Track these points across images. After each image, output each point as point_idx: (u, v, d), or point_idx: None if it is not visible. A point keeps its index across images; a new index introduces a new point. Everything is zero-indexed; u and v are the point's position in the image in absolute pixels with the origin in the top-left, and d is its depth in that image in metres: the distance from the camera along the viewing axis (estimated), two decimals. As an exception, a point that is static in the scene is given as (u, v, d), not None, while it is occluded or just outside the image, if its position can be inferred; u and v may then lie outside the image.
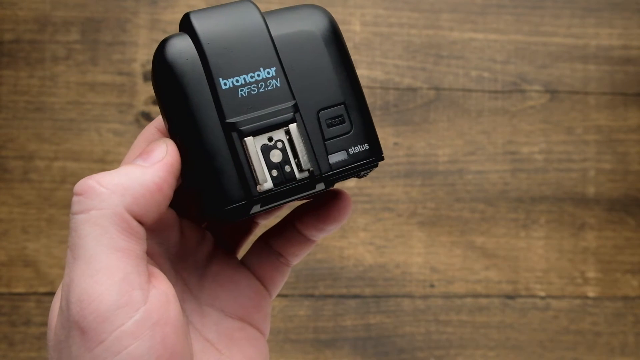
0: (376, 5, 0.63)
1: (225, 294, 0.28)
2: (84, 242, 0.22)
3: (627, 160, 0.64)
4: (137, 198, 0.23)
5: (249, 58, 0.25)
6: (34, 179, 0.60)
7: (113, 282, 0.21)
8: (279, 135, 0.25)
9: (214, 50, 0.24)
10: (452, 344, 0.61)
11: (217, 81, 0.24)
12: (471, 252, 0.62)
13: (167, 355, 0.22)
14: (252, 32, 0.25)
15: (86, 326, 0.21)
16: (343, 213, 0.28)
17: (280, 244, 0.29)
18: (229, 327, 0.27)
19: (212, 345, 0.27)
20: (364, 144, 0.26)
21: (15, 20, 0.60)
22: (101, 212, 0.22)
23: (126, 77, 0.61)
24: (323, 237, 0.30)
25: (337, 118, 0.26)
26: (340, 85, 0.26)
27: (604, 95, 0.64)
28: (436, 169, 0.62)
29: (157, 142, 0.24)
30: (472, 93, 0.63)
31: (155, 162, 0.24)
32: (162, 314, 0.22)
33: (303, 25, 0.26)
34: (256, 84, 0.24)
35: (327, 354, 0.60)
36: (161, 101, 0.25)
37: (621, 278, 0.63)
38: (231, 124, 0.24)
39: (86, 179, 0.23)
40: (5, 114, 0.60)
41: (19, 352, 0.58)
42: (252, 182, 0.24)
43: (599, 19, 0.64)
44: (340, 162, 0.25)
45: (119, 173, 0.23)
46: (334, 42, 0.26)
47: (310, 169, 0.25)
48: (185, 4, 0.61)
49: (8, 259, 0.59)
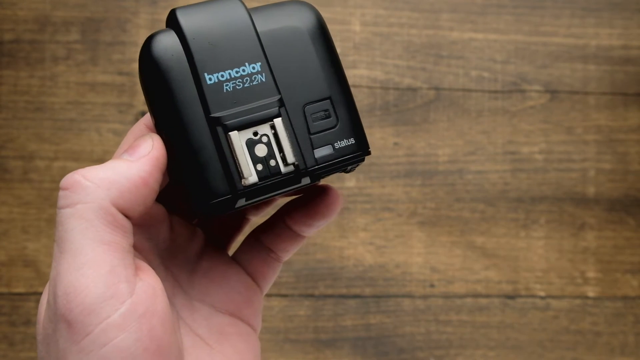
0: (376, 5, 0.63)
1: (215, 289, 0.28)
2: (70, 236, 0.22)
3: (627, 160, 0.64)
4: (123, 192, 0.23)
5: (234, 53, 0.25)
6: (34, 179, 0.60)
7: (99, 275, 0.22)
8: (264, 129, 0.25)
9: (199, 46, 0.24)
10: (452, 344, 0.61)
11: (202, 76, 0.24)
12: (471, 252, 0.62)
13: (154, 347, 0.22)
14: (238, 28, 0.25)
15: (72, 319, 0.21)
16: (332, 209, 0.28)
17: (270, 239, 0.29)
18: (220, 322, 0.27)
19: (203, 340, 0.27)
20: (350, 139, 0.26)
21: (15, 20, 0.60)
22: (87, 206, 0.22)
23: (126, 77, 0.61)
24: (315, 233, 0.30)
25: (323, 112, 0.26)
26: (326, 80, 0.26)
27: (604, 95, 0.64)
28: (436, 169, 0.62)
29: (143, 137, 0.25)
30: (472, 93, 0.63)
31: (141, 156, 0.24)
32: (148, 307, 0.22)
33: (289, 21, 0.26)
34: (241, 79, 0.25)
35: (327, 354, 0.60)
36: (148, 97, 0.25)
37: (621, 278, 0.63)
38: (216, 119, 0.24)
39: (72, 174, 0.23)
40: (5, 114, 0.60)
41: (19, 352, 0.59)
42: (237, 176, 0.24)
43: (599, 19, 0.64)
44: (326, 156, 0.25)
45: (105, 167, 0.23)
46: (320, 38, 0.26)
47: (295, 163, 0.25)
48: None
49: (8, 259, 0.59)
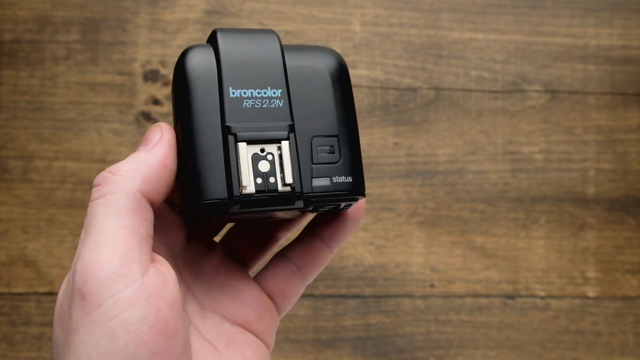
0: (376, 5, 0.63)
1: (228, 302, 0.29)
2: (96, 221, 0.24)
3: (627, 160, 0.64)
4: (146, 177, 0.25)
5: (260, 76, 0.27)
6: (34, 179, 0.60)
7: (115, 254, 0.23)
8: (271, 148, 0.26)
9: (230, 63, 0.27)
10: (452, 344, 0.61)
11: (227, 89, 0.26)
12: (471, 252, 0.62)
13: (160, 327, 0.23)
14: (269, 56, 0.27)
15: (87, 292, 0.23)
16: (341, 235, 0.30)
17: (298, 253, 0.31)
18: (230, 330, 0.28)
19: (212, 345, 0.27)
20: (348, 177, 0.28)
21: (15, 20, 0.60)
22: (115, 195, 0.24)
23: (126, 77, 0.61)
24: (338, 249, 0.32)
25: (329, 147, 0.27)
26: (338, 120, 0.28)
27: (604, 95, 0.64)
28: (436, 169, 0.62)
29: (151, 129, 0.27)
30: (472, 93, 0.63)
31: (155, 143, 0.26)
32: (157, 290, 0.24)
33: (315, 62, 0.28)
34: (261, 100, 0.27)
35: (327, 354, 0.60)
36: (175, 97, 0.27)
37: (621, 278, 0.63)
38: (229, 128, 0.26)
39: (102, 172, 0.26)
40: (5, 114, 0.60)
41: (19, 352, 0.59)
42: (236, 184, 0.26)
43: (599, 19, 0.64)
44: (323, 186, 0.27)
45: (127, 160, 0.26)
46: (339, 82, 0.28)
47: (292, 185, 0.26)
48: (185, 3, 0.61)
49: (8, 259, 0.59)
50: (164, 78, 0.61)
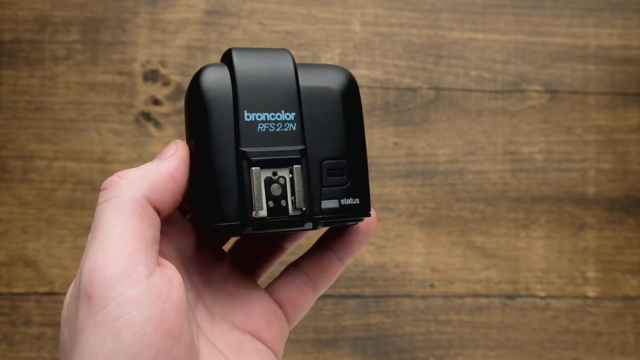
0: (376, 5, 0.63)
1: (237, 309, 0.30)
2: (103, 224, 0.25)
3: (627, 160, 0.64)
4: (153, 185, 0.26)
5: (274, 99, 0.27)
6: (34, 179, 0.60)
7: (121, 255, 0.24)
8: (283, 172, 0.27)
9: (246, 85, 0.27)
10: (452, 344, 0.61)
11: (242, 112, 0.27)
12: (471, 252, 0.62)
13: (164, 328, 0.23)
14: (283, 78, 0.28)
15: (93, 292, 0.23)
16: (353, 248, 0.31)
17: (310, 264, 0.31)
18: (238, 337, 0.29)
19: (220, 351, 0.28)
20: (356, 199, 0.28)
21: (15, 20, 0.60)
22: (121, 199, 0.25)
23: (126, 77, 0.61)
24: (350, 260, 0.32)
25: (338, 170, 0.28)
26: (347, 143, 0.28)
27: (604, 95, 0.64)
28: (436, 169, 0.62)
29: (167, 145, 0.28)
30: (472, 93, 0.63)
31: (168, 156, 0.27)
32: (162, 292, 0.24)
33: (327, 82, 0.29)
34: (275, 123, 0.27)
35: (327, 354, 0.60)
36: (189, 118, 0.28)
37: (621, 278, 0.63)
38: (244, 152, 0.27)
39: (111, 176, 0.26)
40: (5, 114, 0.60)
41: (19, 352, 0.59)
42: (249, 207, 0.26)
43: (599, 19, 0.64)
44: (331, 209, 0.28)
45: (137, 168, 0.26)
46: (350, 102, 0.29)
47: (303, 209, 0.27)
48: (185, 3, 0.61)
49: (8, 259, 0.59)
50: (164, 78, 0.61)
